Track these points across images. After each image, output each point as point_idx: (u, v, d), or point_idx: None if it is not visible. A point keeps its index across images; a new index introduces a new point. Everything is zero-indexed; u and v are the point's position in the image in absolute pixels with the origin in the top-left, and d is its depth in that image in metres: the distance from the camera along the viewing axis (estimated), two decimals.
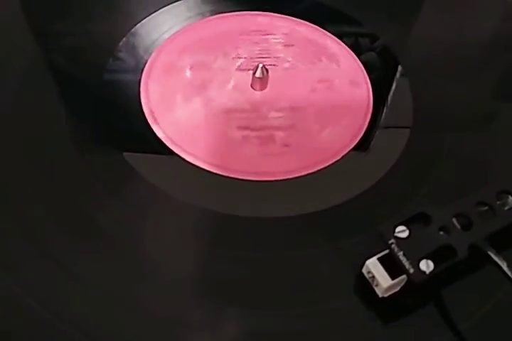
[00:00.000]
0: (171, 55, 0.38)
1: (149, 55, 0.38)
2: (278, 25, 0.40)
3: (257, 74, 0.35)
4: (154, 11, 0.41)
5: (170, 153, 0.33)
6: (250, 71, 0.36)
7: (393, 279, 0.26)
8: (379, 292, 0.27)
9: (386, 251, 0.27)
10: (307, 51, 0.39)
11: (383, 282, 0.26)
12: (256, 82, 0.36)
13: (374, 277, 0.27)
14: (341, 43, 0.40)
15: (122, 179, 0.32)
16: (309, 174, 0.33)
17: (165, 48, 0.38)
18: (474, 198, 0.27)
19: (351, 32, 0.41)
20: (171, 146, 0.34)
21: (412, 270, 0.25)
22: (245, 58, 0.38)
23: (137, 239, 0.30)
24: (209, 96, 0.36)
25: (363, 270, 0.28)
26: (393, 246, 0.26)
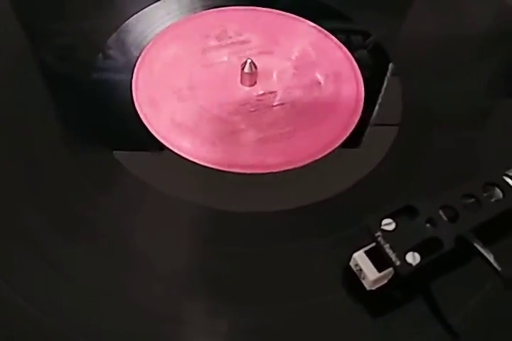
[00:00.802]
0: (162, 52, 0.38)
1: (140, 52, 0.38)
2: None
3: (246, 69, 0.35)
4: (145, 7, 0.41)
5: (161, 150, 0.33)
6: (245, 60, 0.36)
7: (380, 272, 0.26)
8: (366, 285, 0.27)
9: (373, 244, 0.27)
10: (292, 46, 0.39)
11: (370, 275, 0.26)
12: (245, 78, 0.36)
13: (361, 270, 0.27)
14: (334, 39, 0.40)
15: (113, 177, 0.32)
16: (297, 168, 0.33)
17: (155, 45, 0.38)
18: (461, 190, 0.27)
19: (343, 28, 0.41)
20: (162, 143, 0.34)
21: (399, 262, 0.25)
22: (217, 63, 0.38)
23: (129, 237, 0.30)
24: (199, 92, 0.36)
25: (351, 263, 0.28)
26: (379, 238, 0.26)
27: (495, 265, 0.25)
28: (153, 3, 0.41)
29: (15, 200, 0.31)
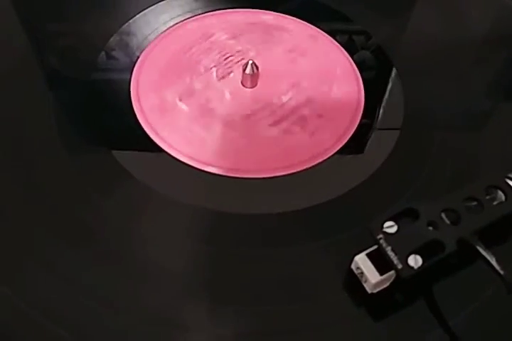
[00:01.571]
0: (163, 54, 0.38)
1: (140, 53, 0.38)
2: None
3: (247, 70, 0.35)
4: (146, 8, 0.41)
5: (160, 152, 0.33)
6: (231, 74, 0.36)
7: (382, 275, 0.26)
8: (368, 288, 0.27)
9: (375, 247, 0.27)
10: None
11: (372, 278, 0.26)
12: (247, 80, 0.36)
13: (363, 273, 0.27)
14: (334, 41, 0.39)
15: (112, 178, 0.32)
16: (301, 171, 0.33)
17: (156, 46, 0.38)
18: (463, 193, 0.27)
19: (344, 30, 0.41)
20: (162, 145, 0.33)
21: (401, 265, 0.25)
22: (215, 66, 0.37)
23: (129, 239, 0.30)
24: (198, 93, 0.36)
25: (352, 266, 0.27)
26: (381, 241, 0.26)
27: (497, 268, 0.25)
28: (154, 3, 0.41)
29: (13, 200, 0.31)
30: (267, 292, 0.28)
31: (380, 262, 0.26)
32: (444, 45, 0.40)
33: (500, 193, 0.27)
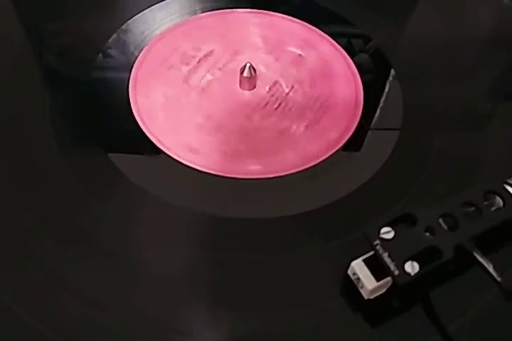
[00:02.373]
0: (162, 53, 0.38)
1: (139, 53, 0.38)
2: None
3: (245, 73, 0.35)
4: (146, 8, 0.40)
5: (158, 153, 0.33)
6: (231, 75, 0.36)
7: (378, 281, 0.26)
8: (364, 294, 0.27)
9: (372, 253, 0.26)
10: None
11: (368, 284, 0.26)
12: (245, 82, 0.35)
13: (359, 279, 0.26)
14: (334, 43, 0.39)
15: (109, 180, 0.32)
16: (295, 173, 0.32)
17: (155, 46, 0.38)
18: (461, 198, 0.27)
19: (343, 33, 0.40)
20: (159, 146, 0.33)
21: (397, 271, 0.25)
22: (214, 67, 0.37)
23: (126, 242, 0.30)
24: (197, 93, 0.36)
25: (349, 271, 0.27)
26: (378, 247, 0.26)
27: (494, 275, 0.25)
28: (154, 4, 0.41)
29: (8, 201, 0.31)
30: (263, 297, 0.28)
31: (377, 268, 0.26)
32: (443, 47, 0.39)
33: (498, 199, 0.27)
